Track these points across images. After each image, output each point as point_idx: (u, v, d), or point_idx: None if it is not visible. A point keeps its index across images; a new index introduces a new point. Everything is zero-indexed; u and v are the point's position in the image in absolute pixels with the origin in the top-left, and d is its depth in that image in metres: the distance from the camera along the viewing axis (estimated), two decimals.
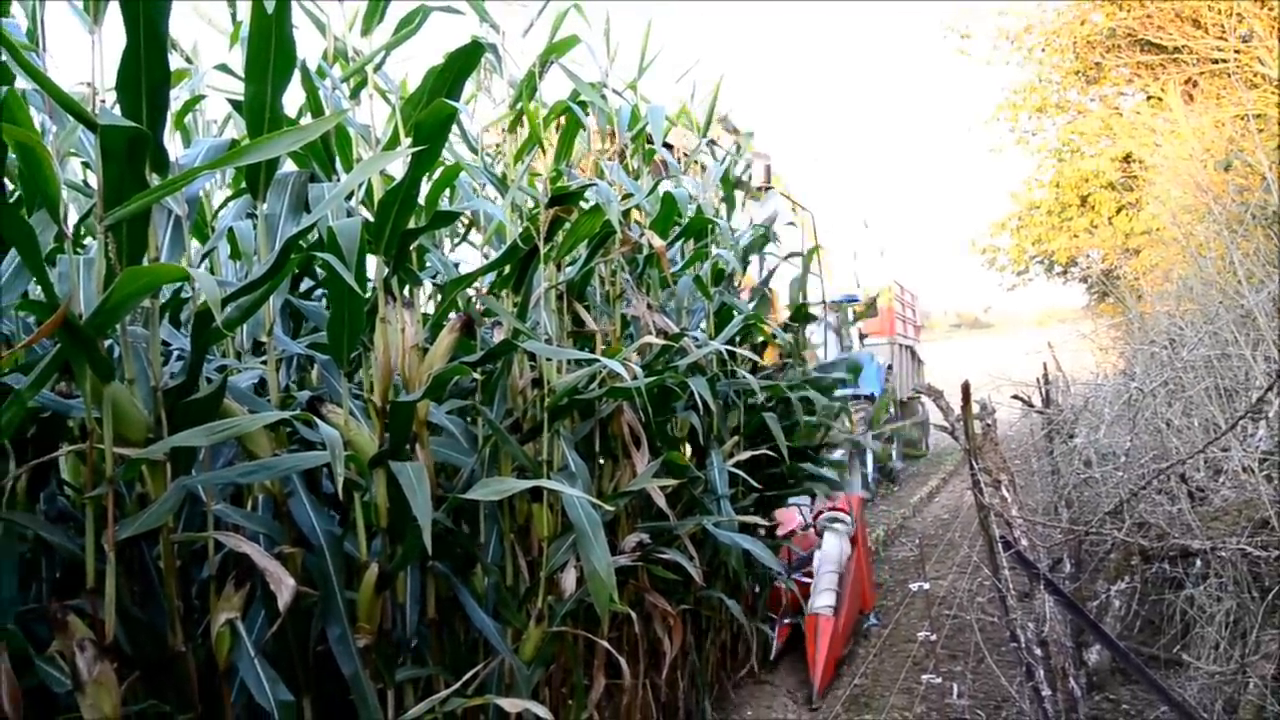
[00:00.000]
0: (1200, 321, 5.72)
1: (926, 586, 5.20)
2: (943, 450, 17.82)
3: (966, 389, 4.85)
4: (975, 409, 5.41)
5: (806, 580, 5.57)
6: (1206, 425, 4.83)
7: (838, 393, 13.17)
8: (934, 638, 5.66)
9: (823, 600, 5.33)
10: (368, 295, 2.26)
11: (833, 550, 5.65)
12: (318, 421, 2.01)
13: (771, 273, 5.87)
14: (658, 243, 3.54)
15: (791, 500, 5.65)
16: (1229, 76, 12.39)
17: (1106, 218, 16.92)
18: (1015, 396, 9.38)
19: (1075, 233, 17.84)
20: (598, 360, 2.81)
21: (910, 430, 17.29)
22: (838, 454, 6.57)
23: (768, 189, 8.20)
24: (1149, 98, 14.97)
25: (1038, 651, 4.17)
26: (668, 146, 4.68)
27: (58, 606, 1.62)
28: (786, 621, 5.59)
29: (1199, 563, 4.36)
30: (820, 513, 5.90)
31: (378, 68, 2.63)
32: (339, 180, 2.51)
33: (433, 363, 2.40)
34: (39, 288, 1.97)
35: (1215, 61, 13.04)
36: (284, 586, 1.73)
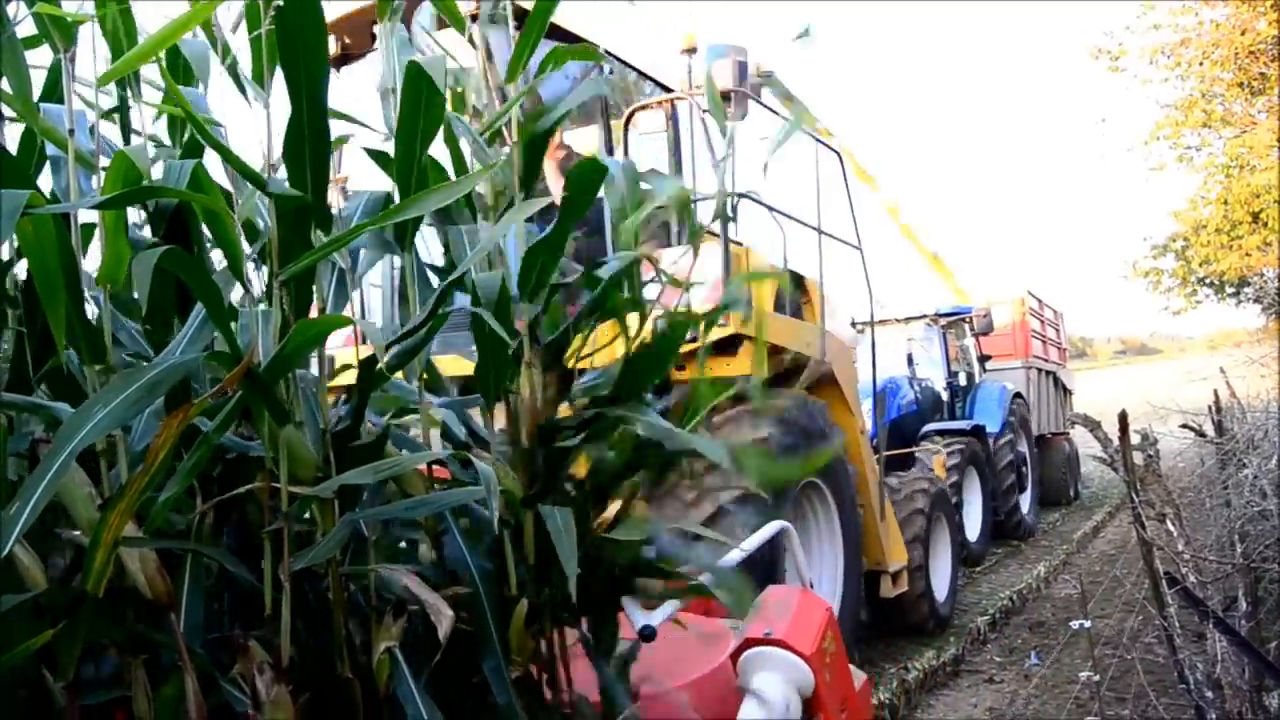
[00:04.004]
0: None
1: (1088, 624, 4.99)
2: (1108, 484, 16.86)
3: (1124, 419, 4.68)
4: (1135, 439, 5.21)
5: None
6: None
7: (930, 427, 11.66)
8: (1097, 678, 5.44)
9: None
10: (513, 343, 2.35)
11: None
12: (473, 460, 2.12)
13: None
14: None
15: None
16: None
17: None
18: (1184, 425, 8.94)
19: (1247, 251, 16.89)
20: None
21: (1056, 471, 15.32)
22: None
23: (742, 96, 5.39)
24: None
25: (1209, 695, 3.97)
26: None
27: (240, 632, 1.76)
28: None
29: None
30: (743, 646, 2.71)
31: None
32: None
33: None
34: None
35: None
36: (443, 618, 1.83)
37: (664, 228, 5.72)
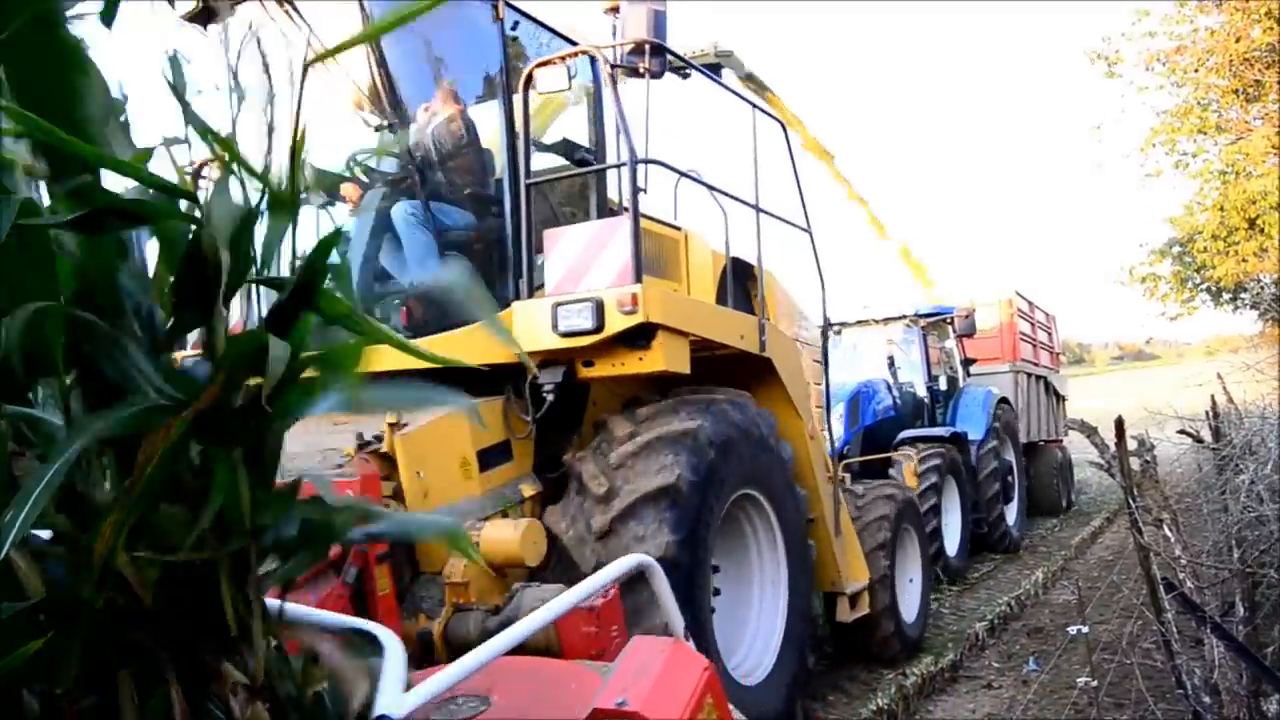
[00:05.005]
0: None
1: (1085, 629, 4.98)
2: (1106, 490, 16.77)
3: (1120, 424, 4.68)
4: (1132, 445, 5.21)
5: None
6: None
7: (906, 434, 10.90)
8: (1095, 684, 5.43)
9: None
10: None
11: None
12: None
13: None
14: None
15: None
16: None
17: (1277, 240, 16.00)
18: (1182, 431, 8.93)
19: (1243, 256, 16.90)
20: None
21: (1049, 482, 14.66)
22: None
23: (658, 53, 4.61)
24: None
25: (1206, 699, 3.97)
26: None
27: (212, 656, 1.73)
28: None
29: None
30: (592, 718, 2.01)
31: None
32: None
33: None
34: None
35: None
36: (359, 690, 1.75)
37: (580, 199, 5.36)
